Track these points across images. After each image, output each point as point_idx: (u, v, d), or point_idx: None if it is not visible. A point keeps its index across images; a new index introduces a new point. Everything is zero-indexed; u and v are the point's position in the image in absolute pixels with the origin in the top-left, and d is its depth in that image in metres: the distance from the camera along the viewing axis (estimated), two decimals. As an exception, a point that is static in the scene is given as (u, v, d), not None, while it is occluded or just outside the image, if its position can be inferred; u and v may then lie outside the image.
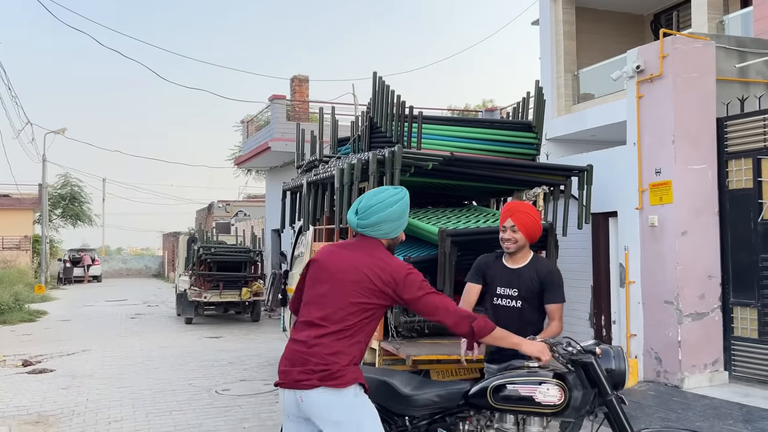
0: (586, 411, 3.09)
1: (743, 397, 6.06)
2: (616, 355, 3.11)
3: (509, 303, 3.87)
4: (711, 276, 6.61)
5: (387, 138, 6.54)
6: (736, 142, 6.61)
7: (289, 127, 16.20)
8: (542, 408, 3.06)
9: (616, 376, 3.08)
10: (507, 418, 3.19)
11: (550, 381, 3.07)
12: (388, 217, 3.07)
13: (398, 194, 3.11)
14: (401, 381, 3.36)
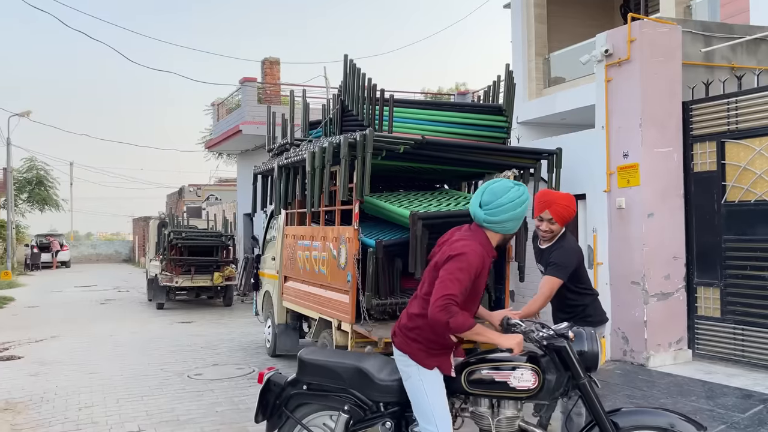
0: (560, 393, 3.17)
1: (706, 374, 6.23)
2: (589, 337, 3.19)
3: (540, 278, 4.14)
4: (676, 257, 6.75)
5: (358, 121, 6.53)
6: (700, 125, 6.72)
7: (260, 110, 16.07)
8: (517, 393, 3.13)
9: (588, 359, 3.16)
10: (482, 401, 3.26)
11: (524, 366, 3.13)
12: (515, 216, 3.19)
13: (525, 194, 3.21)
14: (375, 367, 3.39)
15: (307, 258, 7.16)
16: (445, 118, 6.74)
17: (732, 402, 5.47)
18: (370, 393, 3.36)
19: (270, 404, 3.59)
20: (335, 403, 3.45)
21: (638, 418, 3.13)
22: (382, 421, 3.31)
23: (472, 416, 3.30)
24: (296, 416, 3.54)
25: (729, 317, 6.46)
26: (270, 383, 3.62)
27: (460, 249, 3.11)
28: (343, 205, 6.34)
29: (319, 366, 3.51)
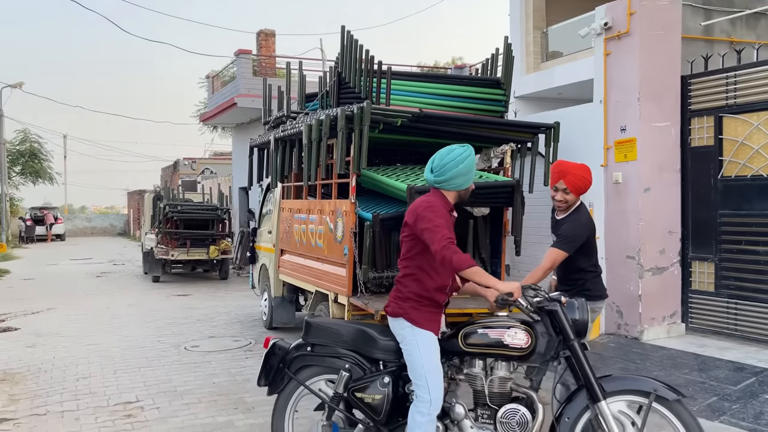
0: (551, 357, 3.26)
1: (699, 347, 6.30)
2: (580, 306, 3.29)
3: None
4: (671, 232, 6.78)
5: (355, 94, 6.48)
6: (699, 100, 6.71)
7: (255, 83, 15.93)
8: (510, 350, 3.25)
9: (579, 326, 3.25)
10: (476, 363, 3.37)
11: (518, 326, 3.26)
12: (460, 172, 3.38)
13: (467, 151, 3.43)
14: (377, 330, 3.57)
15: (304, 231, 7.15)
16: (442, 91, 6.69)
17: (724, 374, 5.54)
18: (371, 352, 3.51)
19: (274, 367, 3.72)
20: (337, 363, 3.59)
21: (624, 383, 3.25)
22: (381, 376, 3.42)
23: (467, 378, 3.41)
24: (299, 378, 3.66)
25: (723, 291, 6.52)
26: (275, 347, 3.76)
27: (425, 203, 3.36)
28: (339, 178, 6.32)
29: (323, 328, 3.69)
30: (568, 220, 4.11)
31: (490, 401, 3.32)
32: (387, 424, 3.42)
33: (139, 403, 5.49)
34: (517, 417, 3.22)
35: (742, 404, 4.97)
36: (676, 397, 3.10)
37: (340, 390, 3.51)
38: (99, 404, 5.48)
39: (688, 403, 3.13)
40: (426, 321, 3.36)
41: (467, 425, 3.31)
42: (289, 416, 3.74)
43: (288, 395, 3.74)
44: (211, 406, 5.39)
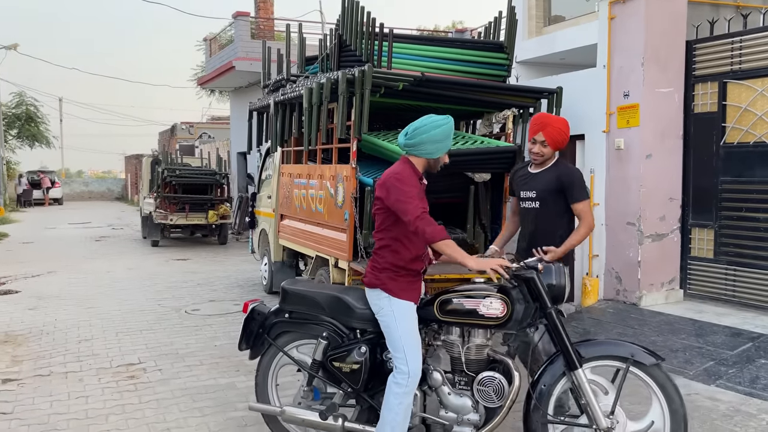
0: (528, 324, 3.28)
1: (696, 313, 6.35)
2: (557, 271, 3.27)
3: (529, 205, 4.15)
4: (672, 198, 6.77)
5: (356, 57, 6.41)
6: (703, 65, 6.64)
7: (253, 46, 15.74)
8: (486, 320, 3.24)
9: (556, 291, 3.24)
10: (453, 330, 3.38)
11: (493, 295, 3.23)
12: (431, 138, 3.30)
13: (445, 119, 3.36)
14: (354, 297, 3.54)
15: (304, 196, 7.14)
16: (444, 55, 6.61)
17: (721, 340, 5.59)
18: (348, 321, 3.51)
19: (253, 332, 3.76)
20: (315, 330, 3.59)
21: (601, 348, 3.26)
22: (358, 346, 3.43)
23: (444, 345, 3.41)
24: (278, 343, 3.70)
25: (722, 258, 6.54)
26: (254, 312, 3.79)
27: (393, 175, 3.33)
28: (340, 143, 6.28)
29: (301, 295, 3.66)
30: (561, 172, 4.05)
31: (467, 368, 3.33)
32: (366, 390, 3.45)
33: (142, 365, 5.54)
34: (493, 384, 3.24)
35: (738, 369, 5.03)
36: (654, 362, 3.09)
37: (318, 357, 3.53)
38: (102, 365, 5.53)
39: (665, 367, 3.13)
40: (403, 290, 3.34)
41: (445, 392, 3.33)
42: (272, 379, 3.80)
43: (270, 359, 3.79)
44: (213, 368, 5.44)
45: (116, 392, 4.86)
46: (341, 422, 3.46)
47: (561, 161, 4.16)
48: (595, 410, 3.12)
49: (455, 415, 3.32)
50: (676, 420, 3.06)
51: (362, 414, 3.51)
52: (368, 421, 3.47)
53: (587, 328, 6.39)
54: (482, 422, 3.28)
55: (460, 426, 3.31)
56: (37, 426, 4.21)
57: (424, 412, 3.38)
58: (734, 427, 4.13)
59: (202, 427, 4.19)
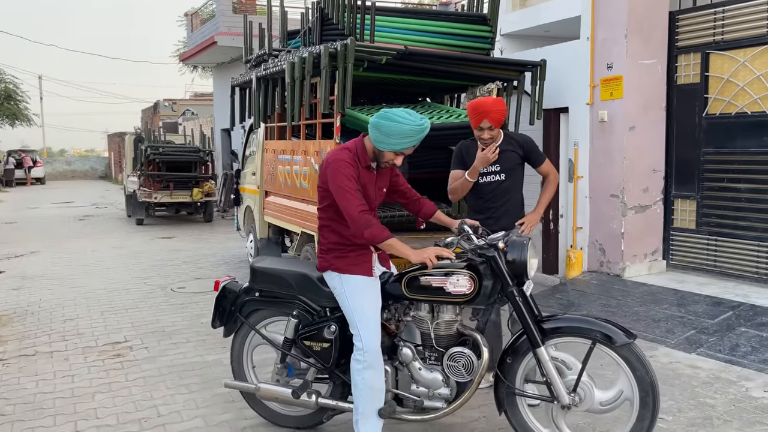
0: (496, 299, 3.29)
1: (678, 283, 6.43)
2: (519, 247, 3.23)
3: (494, 179, 4.23)
4: (655, 170, 6.81)
5: (339, 30, 6.34)
6: (686, 36, 6.63)
7: (235, 21, 15.52)
8: (453, 298, 3.24)
9: (517, 268, 3.22)
10: (422, 306, 3.38)
11: (460, 272, 3.22)
12: (383, 128, 3.19)
13: (410, 118, 3.19)
14: (320, 276, 3.49)
15: (288, 172, 7.10)
16: (428, 28, 6.56)
17: (702, 309, 5.67)
18: (317, 299, 3.50)
19: (226, 310, 3.78)
20: (285, 308, 3.60)
21: (567, 325, 3.24)
22: (328, 324, 3.44)
23: (414, 321, 3.41)
24: (249, 322, 3.72)
25: (703, 228, 6.61)
26: (225, 290, 3.80)
27: (332, 163, 3.25)
28: (323, 118, 6.24)
29: (269, 274, 3.65)
30: (509, 146, 4.21)
31: (437, 344, 3.33)
32: (338, 367, 3.47)
33: (128, 343, 5.54)
34: (463, 359, 3.24)
35: (718, 337, 5.11)
36: (624, 341, 3.04)
37: (289, 335, 3.55)
38: (87, 344, 5.52)
39: (635, 345, 3.08)
40: (352, 266, 3.32)
41: (416, 367, 3.34)
42: (247, 356, 3.83)
43: (243, 337, 3.81)
44: (200, 345, 5.45)
45: (102, 371, 4.85)
46: (315, 398, 3.49)
47: (508, 133, 4.34)
48: (557, 387, 3.14)
49: (426, 389, 3.34)
50: (645, 397, 3.03)
51: (336, 390, 3.55)
52: (342, 397, 3.51)
53: (571, 300, 6.46)
54: (453, 396, 3.31)
55: (431, 400, 3.34)
56: (22, 405, 4.20)
57: (396, 387, 3.40)
58: (714, 394, 4.21)
59: (190, 403, 4.20)
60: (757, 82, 6.07)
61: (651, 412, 3.03)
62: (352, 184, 3.19)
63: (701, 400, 4.12)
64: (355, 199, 3.17)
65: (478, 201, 4.31)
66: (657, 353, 5.00)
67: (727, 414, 3.91)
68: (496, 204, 4.24)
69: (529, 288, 3.26)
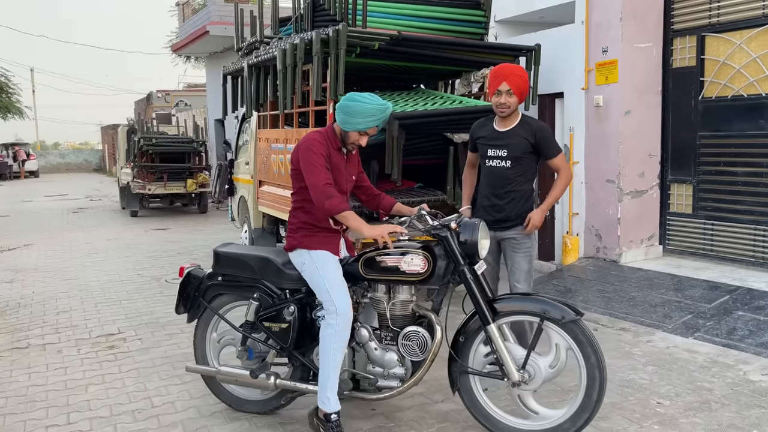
0: (449, 279, 3.34)
1: (675, 268, 6.40)
2: (471, 228, 3.30)
3: (497, 163, 4.06)
4: (651, 155, 6.77)
5: (331, 16, 6.26)
6: (682, 19, 6.57)
7: (227, 10, 15.37)
8: (408, 276, 3.31)
9: (469, 248, 3.29)
10: (379, 287, 3.46)
11: (414, 252, 3.30)
12: (342, 108, 3.37)
13: (371, 100, 3.35)
14: (283, 258, 3.59)
15: (282, 161, 7.03)
16: (421, 13, 6.49)
17: (699, 293, 5.65)
18: (278, 282, 3.56)
19: (190, 296, 3.85)
20: (247, 292, 3.66)
21: (515, 304, 3.31)
22: (287, 305, 3.49)
23: (371, 302, 3.49)
24: (212, 306, 3.79)
25: (700, 213, 6.58)
26: (190, 276, 3.88)
27: (305, 143, 3.40)
28: (316, 106, 6.17)
29: (231, 258, 3.72)
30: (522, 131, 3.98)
31: (392, 324, 3.40)
32: (296, 348, 3.53)
33: (122, 335, 5.49)
34: (417, 338, 3.32)
35: (715, 321, 5.09)
36: (571, 317, 3.09)
37: (250, 318, 3.60)
38: (81, 336, 5.47)
39: (582, 322, 3.13)
40: (320, 243, 3.44)
41: (372, 347, 3.40)
42: (209, 342, 3.88)
43: (206, 322, 3.87)
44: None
45: (96, 363, 4.80)
46: (273, 380, 3.55)
47: (526, 117, 4.08)
48: (507, 363, 3.20)
49: (382, 369, 3.40)
50: (592, 376, 3.06)
51: (295, 372, 3.59)
52: (301, 379, 3.56)
53: (568, 286, 6.43)
54: (408, 375, 3.37)
55: (386, 380, 3.40)
56: (15, 398, 4.15)
57: (353, 368, 3.46)
58: (712, 378, 4.19)
59: (183, 394, 4.16)
60: (753, 65, 6.02)
61: (598, 390, 3.07)
62: (320, 161, 3.32)
63: (699, 384, 4.09)
64: (321, 172, 3.29)
65: (485, 186, 4.17)
66: (654, 338, 4.98)
67: (725, 398, 3.88)
68: (498, 191, 4.05)
69: (481, 268, 3.33)
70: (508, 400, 3.49)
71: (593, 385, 3.08)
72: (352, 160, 3.62)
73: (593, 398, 3.08)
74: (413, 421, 3.69)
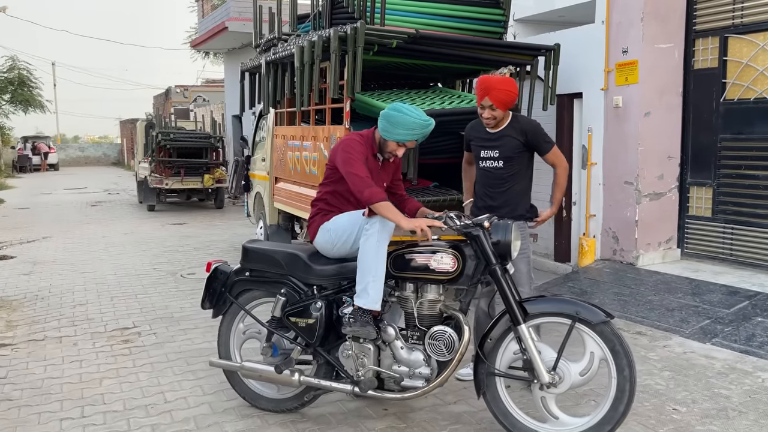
0: (478, 279, 3.32)
1: (693, 272, 6.32)
2: (504, 228, 3.30)
3: (490, 164, 4.10)
4: (671, 157, 6.69)
5: (349, 14, 6.24)
6: (704, 19, 6.48)
7: (246, 6, 15.42)
8: (437, 275, 3.30)
9: (501, 248, 3.28)
10: (407, 286, 3.44)
11: (444, 250, 3.29)
12: (390, 118, 3.45)
13: (416, 114, 3.45)
14: (311, 254, 3.62)
15: (298, 159, 7.04)
16: (439, 11, 6.44)
17: (718, 298, 5.57)
18: (306, 278, 3.57)
19: (216, 291, 3.85)
20: (274, 288, 3.66)
21: (546, 305, 3.28)
22: (314, 301, 3.49)
23: (398, 300, 3.48)
24: (239, 302, 3.79)
25: (720, 216, 6.49)
26: (217, 272, 3.88)
27: (344, 143, 3.52)
28: (333, 103, 6.16)
29: (260, 253, 3.73)
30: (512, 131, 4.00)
31: (419, 323, 3.39)
32: (321, 345, 3.53)
33: (136, 329, 5.52)
34: (444, 338, 3.29)
35: (734, 327, 5.02)
36: (602, 319, 3.07)
37: (276, 314, 3.60)
38: (96, 330, 5.51)
39: (612, 324, 3.10)
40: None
41: (398, 346, 3.39)
42: (233, 337, 3.88)
43: (231, 317, 3.87)
44: (208, 331, 5.41)
45: (110, 356, 4.84)
46: (298, 376, 3.55)
47: (516, 116, 4.10)
48: (537, 365, 3.16)
49: (407, 368, 3.39)
50: (622, 388, 3.03)
51: (319, 369, 3.59)
52: (325, 376, 3.55)
53: (584, 288, 6.37)
54: (433, 375, 3.35)
55: (411, 379, 3.39)
56: (30, 390, 4.19)
57: (378, 366, 3.43)
58: (729, 385, 4.12)
59: (196, 389, 4.18)
60: (777, 67, 5.93)
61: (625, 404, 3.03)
62: (360, 156, 3.44)
63: (716, 391, 4.03)
64: (361, 165, 3.40)
65: (479, 187, 4.23)
66: (671, 343, 4.92)
67: (743, 405, 3.82)
68: (492, 191, 4.10)
69: (511, 269, 3.33)
70: (525, 401, 3.46)
71: (621, 398, 3.04)
72: (387, 168, 3.70)
73: (619, 411, 3.04)
74: (425, 422, 3.67)
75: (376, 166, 3.61)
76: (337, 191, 3.61)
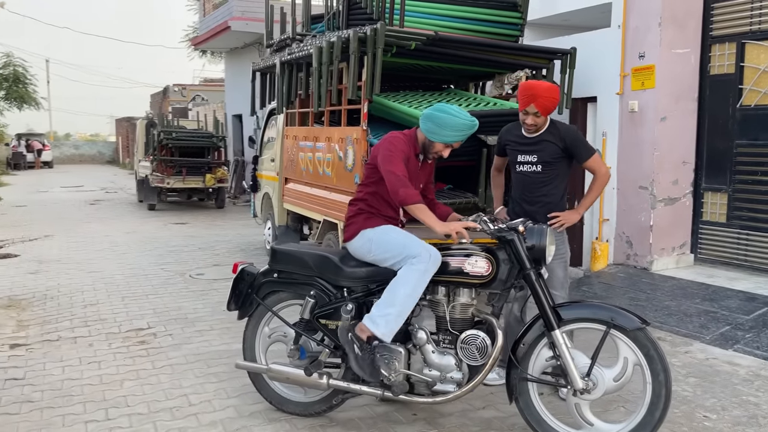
0: (511, 284, 3.30)
1: (708, 277, 6.31)
2: (539, 233, 3.28)
3: (528, 169, 4.06)
4: (686, 162, 6.69)
5: (366, 15, 6.21)
6: (721, 25, 6.48)
7: (249, 5, 15.34)
8: (471, 279, 3.29)
9: (536, 253, 3.26)
10: (439, 289, 3.42)
11: (478, 254, 3.28)
12: (435, 119, 3.44)
13: (463, 115, 3.43)
14: (341, 256, 3.59)
15: (311, 159, 6.99)
16: (457, 13, 6.42)
17: (736, 304, 5.56)
18: (336, 279, 3.54)
19: (242, 293, 3.79)
20: (302, 290, 3.62)
21: (581, 311, 3.25)
22: (345, 303, 3.45)
23: (430, 304, 3.45)
24: (266, 303, 3.74)
25: (734, 222, 6.49)
26: (244, 273, 3.82)
27: (387, 141, 3.50)
28: (349, 104, 6.12)
29: (289, 255, 3.69)
30: (551, 137, 3.96)
31: (451, 327, 3.37)
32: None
33: (151, 330, 5.46)
34: (477, 342, 3.26)
35: (755, 333, 5.01)
36: (638, 326, 3.05)
37: (305, 316, 3.56)
38: (110, 330, 5.44)
39: (649, 332, 3.08)
40: (380, 223, 3.52)
41: (429, 350, 3.36)
42: (259, 339, 3.84)
43: (257, 319, 3.82)
44: (224, 333, 5.36)
45: (128, 357, 4.78)
46: (326, 379, 3.50)
47: (555, 123, 4.05)
48: (571, 370, 3.14)
49: (439, 373, 3.36)
50: (658, 393, 3.01)
51: (347, 372, 3.54)
52: (353, 380, 3.50)
53: (597, 292, 6.36)
54: (465, 380, 3.32)
55: (443, 384, 3.35)
56: (50, 392, 4.12)
57: (408, 369, 3.39)
58: (756, 392, 4.11)
59: (220, 392, 4.12)
60: (794, 74, 5.94)
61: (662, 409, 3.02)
62: (400, 155, 3.42)
63: (744, 398, 4.02)
64: (400, 165, 3.37)
65: (516, 191, 4.18)
66: (692, 349, 4.90)
67: (773, 413, 3.81)
68: (530, 196, 4.05)
69: (545, 274, 3.31)
70: (554, 407, 3.43)
71: (657, 403, 3.02)
72: (426, 168, 3.70)
73: (656, 416, 3.02)
74: (456, 427, 3.63)
75: (416, 165, 3.58)
76: (378, 193, 3.56)
